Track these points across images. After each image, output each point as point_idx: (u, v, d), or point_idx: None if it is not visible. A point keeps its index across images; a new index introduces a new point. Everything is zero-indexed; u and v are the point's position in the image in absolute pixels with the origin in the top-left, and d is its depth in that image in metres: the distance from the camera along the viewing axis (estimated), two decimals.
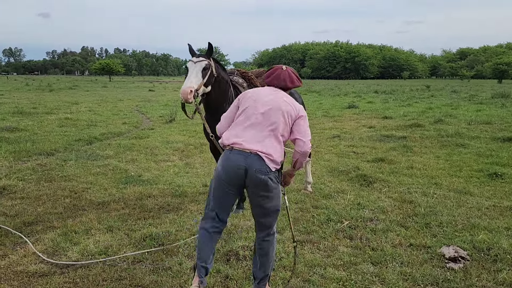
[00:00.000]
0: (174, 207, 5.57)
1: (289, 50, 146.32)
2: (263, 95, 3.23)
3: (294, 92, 6.10)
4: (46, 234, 4.56)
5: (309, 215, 5.19)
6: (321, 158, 8.68)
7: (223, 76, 4.84)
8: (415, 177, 7.03)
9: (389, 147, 9.79)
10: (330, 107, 20.73)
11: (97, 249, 4.15)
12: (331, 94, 32.73)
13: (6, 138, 10.48)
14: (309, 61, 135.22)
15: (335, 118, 16.04)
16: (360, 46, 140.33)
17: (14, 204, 5.56)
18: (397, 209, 5.41)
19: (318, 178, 6.99)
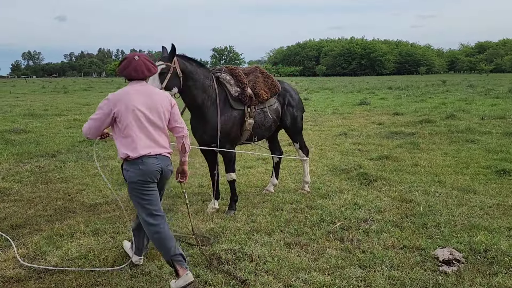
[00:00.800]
0: (165, 208, 5.38)
1: (303, 48, 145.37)
2: (136, 98, 3.36)
3: (290, 89, 5.93)
4: (31, 238, 4.50)
5: (302, 216, 5.01)
6: (324, 156, 8.48)
7: (198, 73, 4.85)
8: (418, 175, 6.78)
9: (396, 144, 9.52)
10: (341, 104, 20.43)
11: (78, 253, 4.06)
12: (344, 91, 32.33)
13: (12, 140, 10.56)
14: (324, 58, 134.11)
15: (344, 115, 15.77)
16: (376, 42, 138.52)
17: (5, 207, 5.53)
18: (395, 209, 5.19)
19: (317, 177, 6.80)
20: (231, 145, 5.20)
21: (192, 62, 4.96)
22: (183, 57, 4.87)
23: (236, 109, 5.11)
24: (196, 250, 4.10)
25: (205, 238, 4.36)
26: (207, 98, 4.94)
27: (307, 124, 13.43)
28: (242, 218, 4.99)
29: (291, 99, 5.82)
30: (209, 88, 4.97)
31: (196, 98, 4.87)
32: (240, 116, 5.16)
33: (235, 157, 5.36)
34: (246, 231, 4.53)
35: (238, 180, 6.76)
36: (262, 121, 5.39)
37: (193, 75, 4.83)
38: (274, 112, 5.55)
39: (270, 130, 5.61)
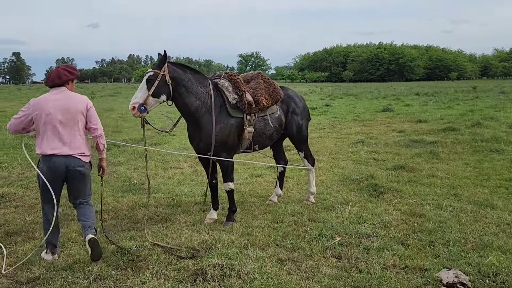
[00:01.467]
0: (163, 218, 5.33)
1: (330, 53, 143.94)
2: (51, 103, 3.90)
3: (294, 96, 5.71)
4: (23, 246, 4.43)
5: (302, 229, 4.76)
6: (336, 165, 8.18)
7: (191, 80, 4.80)
8: (434, 187, 6.40)
9: (415, 153, 9.11)
10: (363, 111, 19.96)
11: (64, 264, 3.95)
12: (369, 97, 31.67)
13: (30, 144, 10.71)
14: (351, 64, 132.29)
15: (364, 122, 15.35)
16: (405, 47, 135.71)
17: (6, 213, 5.52)
18: (403, 224, 4.87)
19: (325, 188, 6.53)
20: (228, 153, 5.02)
21: (186, 69, 4.92)
22: (176, 64, 4.87)
23: (234, 116, 4.94)
24: (184, 263, 3.91)
25: (195, 250, 4.18)
26: (201, 106, 4.82)
27: (324, 132, 13.15)
28: (239, 230, 4.78)
29: (296, 107, 5.60)
30: (204, 95, 4.87)
31: (189, 106, 4.80)
32: (238, 124, 4.98)
33: (232, 166, 5.16)
34: (240, 245, 4.32)
35: (242, 189, 6.59)
36: (262, 130, 5.19)
37: (185, 82, 4.78)
38: (276, 120, 5.33)
39: (271, 138, 5.40)
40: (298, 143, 5.79)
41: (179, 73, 4.76)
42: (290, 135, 5.66)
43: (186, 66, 4.98)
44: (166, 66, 4.65)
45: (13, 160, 8.90)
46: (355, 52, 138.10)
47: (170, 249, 4.22)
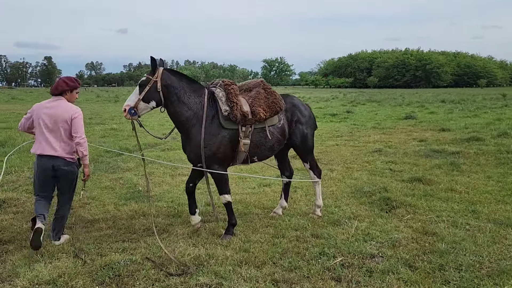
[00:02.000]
0: (161, 228, 5.13)
1: (355, 59, 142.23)
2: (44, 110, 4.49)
3: (299, 105, 5.42)
4: (12, 255, 4.30)
5: (303, 246, 4.47)
6: (349, 175, 7.83)
7: (184, 89, 4.71)
8: (451, 202, 5.99)
9: (434, 164, 8.66)
10: (385, 118, 19.42)
11: (49, 277, 3.77)
12: (392, 104, 30.95)
13: None
14: (376, 70, 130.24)
15: (385, 130, 14.88)
16: (432, 53, 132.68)
17: (4, 219, 5.44)
18: (413, 243, 4.51)
19: (334, 200, 6.21)
20: (220, 165, 4.78)
21: (182, 77, 4.81)
22: (172, 71, 4.78)
23: (227, 128, 4.69)
24: (172, 281, 3.69)
25: (186, 266, 3.95)
26: (192, 116, 4.69)
27: (341, 139, 12.78)
28: (236, 244, 4.52)
29: (301, 116, 5.31)
30: (197, 105, 4.72)
31: (179, 115, 4.70)
32: (232, 136, 4.72)
33: (227, 178, 4.91)
34: (234, 262, 4.06)
35: (248, 199, 6.34)
36: (261, 141, 4.92)
37: (178, 91, 4.70)
38: (278, 131, 5.05)
39: (272, 150, 5.12)
40: (303, 154, 5.51)
41: (172, 80, 4.68)
42: (294, 145, 5.37)
43: (182, 74, 4.85)
44: (160, 72, 4.62)
45: (24, 164, 8.91)
46: (381, 58, 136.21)
47: (160, 265, 4.00)
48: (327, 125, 17.14)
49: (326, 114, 21.70)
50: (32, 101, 38.04)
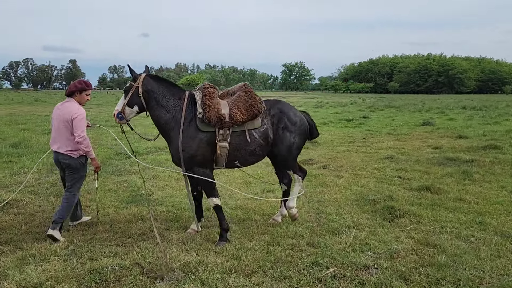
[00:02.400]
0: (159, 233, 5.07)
1: (376, 64, 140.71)
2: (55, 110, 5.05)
3: (288, 111, 5.11)
4: (5, 257, 4.31)
5: (297, 254, 4.35)
6: (355, 182, 7.65)
7: (163, 94, 4.81)
8: (458, 213, 5.77)
9: (446, 172, 8.40)
10: (401, 124, 19.06)
11: (36, 280, 3.76)
12: (411, 110, 30.40)
13: None
14: (398, 75, 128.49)
15: (399, 137, 14.58)
16: (455, 59, 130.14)
17: (5, 220, 5.49)
18: (412, 255, 4.34)
19: (337, 208, 6.06)
20: (201, 168, 4.75)
21: (161, 82, 4.93)
22: (153, 77, 4.92)
23: (204, 131, 4.68)
24: (158, 287, 3.63)
25: (175, 273, 3.88)
26: (171, 119, 4.77)
27: (353, 145, 12.57)
28: (229, 252, 4.44)
29: (289, 123, 5.01)
30: (176, 107, 4.79)
31: (158, 118, 4.83)
32: (209, 139, 4.69)
33: (212, 181, 4.86)
34: (224, 269, 3.98)
35: (249, 205, 6.26)
36: (240, 144, 4.81)
37: (157, 95, 4.81)
38: (260, 135, 4.87)
39: (254, 154, 4.94)
40: (286, 162, 5.16)
41: (152, 86, 4.81)
42: (278, 152, 5.05)
43: (163, 79, 4.98)
44: (141, 79, 4.79)
45: (35, 165, 9.02)
46: (402, 63, 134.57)
47: (148, 271, 3.94)
48: (341, 130, 16.92)
49: (342, 119, 21.45)
50: (54, 103, 38.84)
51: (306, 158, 10.14)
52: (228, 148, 4.74)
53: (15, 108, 29.84)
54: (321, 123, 19.63)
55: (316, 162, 9.65)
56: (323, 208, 6.05)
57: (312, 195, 6.79)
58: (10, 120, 19.42)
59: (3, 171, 8.42)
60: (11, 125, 17.38)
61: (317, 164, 9.47)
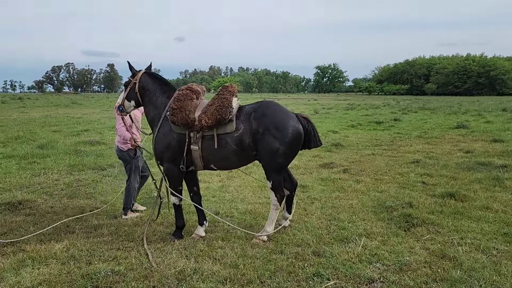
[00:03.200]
0: (159, 237, 4.98)
1: (412, 65, 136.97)
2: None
3: (273, 116, 4.59)
4: (6, 259, 4.31)
5: (300, 264, 4.12)
6: (375, 188, 7.30)
7: (155, 91, 4.94)
8: (482, 222, 5.36)
9: (474, 178, 7.90)
10: (433, 127, 18.30)
11: (30, 283, 3.72)
12: (447, 112, 29.24)
13: (81, 151, 11.10)
14: (435, 76, 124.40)
15: (430, 140, 13.97)
16: (497, 59, 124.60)
17: (15, 221, 5.53)
18: (425, 268, 4.02)
19: (351, 214, 5.76)
20: (170, 164, 4.81)
21: (155, 79, 5.04)
22: (148, 74, 5.07)
23: (175, 132, 4.70)
24: None
25: (168, 281, 3.74)
26: (157, 116, 4.91)
27: (379, 148, 12.13)
28: (229, 259, 4.26)
29: (272, 127, 4.51)
30: (163, 105, 4.90)
31: (148, 114, 5.04)
32: (180, 140, 4.69)
33: (177, 180, 4.90)
34: (219, 278, 3.80)
35: (259, 209, 6.07)
36: (210, 149, 4.63)
37: (149, 92, 4.98)
38: (233, 140, 4.58)
39: (229, 160, 4.68)
40: (268, 170, 4.69)
41: (147, 82, 4.97)
42: (260, 158, 4.67)
43: (157, 77, 5.08)
44: (139, 75, 4.99)
45: (57, 166, 9.19)
46: (440, 64, 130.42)
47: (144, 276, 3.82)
48: (369, 133, 16.42)
49: (371, 122, 20.88)
50: (89, 106, 40.06)
51: (327, 161, 9.84)
52: (200, 152, 4.66)
53: (51, 111, 30.85)
54: (349, 125, 19.18)
55: (337, 166, 9.33)
56: (336, 214, 5.77)
57: (327, 200, 6.51)
58: (44, 122, 20.03)
59: (25, 171, 8.59)
60: (44, 127, 17.90)
61: (338, 168, 9.15)
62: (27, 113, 27.34)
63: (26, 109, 33.08)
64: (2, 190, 7.05)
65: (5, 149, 11.32)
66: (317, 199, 6.60)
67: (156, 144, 4.80)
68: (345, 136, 15.12)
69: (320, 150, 11.80)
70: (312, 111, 30.34)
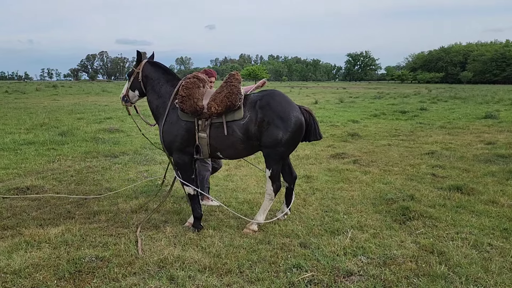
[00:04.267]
0: (153, 224, 5.06)
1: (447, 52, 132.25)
2: None
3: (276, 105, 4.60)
4: (4, 242, 4.49)
5: (284, 255, 4.11)
6: (381, 179, 7.15)
7: (159, 79, 4.99)
8: (484, 217, 5.18)
9: (489, 171, 7.62)
10: (459, 117, 17.71)
11: (18, 266, 3.86)
12: (478, 101, 28.21)
13: (99, 138, 11.37)
14: (472, 64, 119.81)
15: (452, 130, 13.53)
16: None
17: (19, 205, 5.75)
18: (410, 262, 3.93)
19: (348, 206, 5.68)
20: (180, 154, 4.81)
21: (158, 68, 5.06)
22: (152, 63, 5.09)
23: (183, 120, 4.71)
24: (127, 282, 3.57)
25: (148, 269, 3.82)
26: (161, 104, 4.91)
27: (397, 139, 11.86)
28: (214, 248, 4.30)
29: (275, 117, 4.54)
30: (167, 94, 4.90)
31: (151, 103, 5.05)
32: (189, 128, 4.70)
33: (188, 169, 4.87)
34: (199, 267, 3.85)
35: (259, 200, 6.06)
36: (219, 136, 4.65)
37: (152, 81, 5.02)
38: (239, 128, 4.59)
39: (235, 148, 4.68)
40: (269, 159, 4.70)
41: (150, 71, 5.03)
42: (262, 147, 4.67)
43: (160, 66, 5.08)
44: (142, 64, 5.05)
45: (72, 153, 9.47)
46: (477, 51, 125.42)
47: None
48: (390, 123, 16.07)
49: (396, 111, 20.40)
50: (119, 93, 40.91)
51: (339, 151, 9.71)
52: (207, 139, 4.66)
53: (81, 98, 31.74)
54: (371, 115, 18.82)
55: (348, 156, 9.19)
56: (334, 206, 5.71)
57: (328, 191, 6.44)
58: (71, 110, 20.64)
59: (42, 158, 8.91)
60: (71, 114, 18.46)
61: (348, 158, 9.02)
62: (58, 101, 28.25)
63: (58, 96, 34.17)
64: (15, 175, 7.35)
65: (27, 135, 11.76)
66: (319, 190, 6.54)
67: (164, 134, 4.82)
68: (364, 126, 14.86)
69: (335, 140, 11.66)
70: (338, 100, 29.91)
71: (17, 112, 19.02)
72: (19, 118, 16.30)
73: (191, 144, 4.73)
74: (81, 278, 3.68)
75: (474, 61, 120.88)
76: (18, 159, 8.67)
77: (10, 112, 18.74)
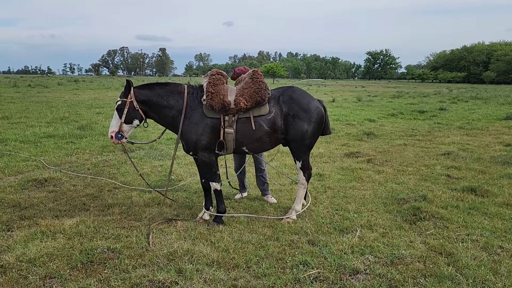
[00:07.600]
0: (164, 218, 5.15)
1: (470, 52, 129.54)
2: None
3: (299, 99, 4.96)
4: (21, 232, 4.65)
5: (291, 252, 4.15)
6: (395, 179, 7.11)
7: (160, 96, 4.85)
8: (497, 219, 5.11)
9: (505, 173, 7.49)
10: (479, 118, 17.38)
11: (33, 255, 3.99)
12: (500, 102, 27.59)
13: None
14: (495, 64, 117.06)
15: (470, 131, 13.32)
16: None
17: (37, 197, 5.92)
18: (418, 262, 3.92)
19: (359, 205, 5.68)
20: (205, 152, 4.84)
21: (153, 86, 4.96)
22: (142, 87, 4.94)
23: (209, 117, 4.74)
24: (138, 273, 3.66)
25: (159, 260, 3.90)
26: (177, 114, 4.85)
27: (413, 139, 11.74)
28: (224, 243, 4.36)
29: (300, 110, 4.86)
30: (178, 101, 4.86)
31: (165, 118, 4.93)
32: (215, 124, 4.74)
33: (213, 165, 4.93)
34: (207, 261, 3.91)
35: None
36: (246, 131, 4.79)
37: (155, 100, 4.88)
38: (267, 123, 4.80)
39: (262, 141, 4.87)
40: (297, 151, 5.03)
41: (146, 94, 4.85)
42: (291, 139, 4.94)
43: (153, 84, 5.00)
44: (132, 92, 4.80)
45: (90, 146, 9.67)
46: (501, 51, 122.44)
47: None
48: (407, 122, 15.89)
49: (414, 111, 20.15)
50: None
51: (354, 150, 9.68)
52: (234, 134, 4.76)
53: (101, 93, 32.24)
54: (389, 114, 18.63)
55: (363, 155, 9.15)
56: (345, 204, 5.71)
57: (340, 190, 6.44)
58: (91, 104, 20.99)
59: (60, 151, 9.12)
60: (90, 109, 18.78)
61: (363, 157, 8.98)
62: (79, 95, 28.78)
63: (79, 91, 34.81)
64: (34, 167, 7.55)
65: (48, 128, 12.04)
66: (331, 188, 6.55)
67: (188, 134, 4.77)
68: (381, 125, 14.73)
69: (350, 139, 11.61)
70: (355, 98, 29.67)
71: (39, 105, 19.46)
72: (40, 111, 16.67)
73: (216, 140, 4.81)
74: (92, 268, 3.78)
75: (498, 60, 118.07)
76: (37, 152, 8.89)
77: (32, 106, 19.19)
